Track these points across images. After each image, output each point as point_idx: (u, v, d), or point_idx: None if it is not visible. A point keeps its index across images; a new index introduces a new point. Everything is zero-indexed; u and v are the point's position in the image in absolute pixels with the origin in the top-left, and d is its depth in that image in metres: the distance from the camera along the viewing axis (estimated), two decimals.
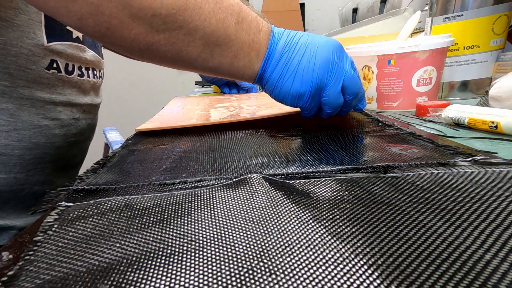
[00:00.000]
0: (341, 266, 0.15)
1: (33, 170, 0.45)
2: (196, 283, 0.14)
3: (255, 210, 0.20)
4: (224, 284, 0.14)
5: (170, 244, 0.18)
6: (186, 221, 0.20)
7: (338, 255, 0.15)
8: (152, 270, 0.15)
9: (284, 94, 0.37)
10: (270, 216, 0.19)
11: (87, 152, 0.63)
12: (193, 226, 0.19)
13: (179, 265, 0.16)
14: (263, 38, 0.36)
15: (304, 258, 0.15)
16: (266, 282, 0.14)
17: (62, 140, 0.49)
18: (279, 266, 0.15)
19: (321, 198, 0.22)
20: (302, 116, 0.41)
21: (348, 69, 0.38)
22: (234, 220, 0.19)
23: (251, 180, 0.24)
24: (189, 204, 0.22)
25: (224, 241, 0.17)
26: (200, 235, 0.18)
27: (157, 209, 0.21)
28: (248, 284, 0.14)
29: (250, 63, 0.36)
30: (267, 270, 0.15)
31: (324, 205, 0.21)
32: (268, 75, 0.37)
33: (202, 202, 0.22)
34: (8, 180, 0.43)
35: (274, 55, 0.36)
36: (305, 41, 0.36)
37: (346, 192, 0.22)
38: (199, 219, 0.20)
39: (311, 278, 0.14)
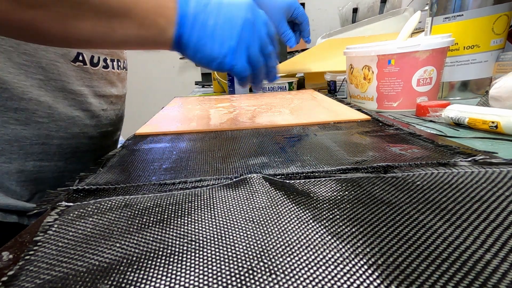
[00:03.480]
0: (341, 266, 0.15)
1: (71, 159, 0.49)
2: (196, 283, 0.14)
3: (255, 210, 0.20)
4: (224, 284, 0.14)
5: (170, 244, 0.18)
6: (186, 221, 0.20)
7: (338, 255, 0.15)
8: (152, 270, 0.15)
9: (207, 58, 0.35)
10: (270, 216, 0.19)
11: (118, 143, 0.65)
12: (193, 226, 0.19)
13: (179, 265, 0.16)
14: (170, 1, 0.34)
15: (304, 258, 0.15)
16: (266, 282, 0.14)
17: (94, 130, 0.51)
18: (279, 266, 0.15)
19: (321, 198, 0.22)
20: (239, 84, 0.40)
21: (263, 26, 0.37)
22: (234, 220, 0.19)
23: (251, 180, 0.24)
24: (189, 204, 0.22)
25: (224, 241, 0.17)
26: (200, 235, 0.18)
27: (157, 209, 0.21)
28: (248, 284, 0.14)
29: (160, 30, 0.34)
30: (267, 270, 0.15)
31: (324, 205, 0.21)
32: (186, 40, 0.35)
33: (202, 202, 0.22)
34: (50, 167, 0.46)
35: (187, 18, 0.34)
36: (216, 0, 0.35)
37: (346, 192, 0.22)
38: (199, 219, 0.20)
39: (311, 278, 0.14)
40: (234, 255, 0.16)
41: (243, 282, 0.14)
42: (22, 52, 0.41)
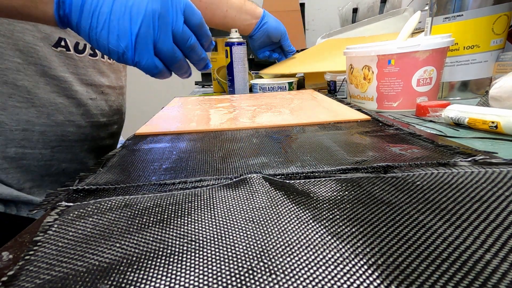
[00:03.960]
0: (341, 266, 0.15)
1: (57, 147, 0.47)
2: (196, 283, 0.14)
3: (255, 210, 0.20)
4: (224, 284, 0.14)
5: (170, 244, 0.18)
6: (186, 221, 0.20)
7: (338, 255, 0.15)
8: (152, 270, 0.15)
9: (105, 50, 0.32)
10: (270, 216, 0.19)
11: (118, 137, 0.64)
12: (193, 226, 0.19)
13: (179, 265, 0.16)
14: None
15: (304, 258, 0.15)
16: (266, 282, 0.14)
17: (82, 119, 0.50)
18: (279, 266, 0.15)
19: (321, 198, 0.22)
20: (155, 77, 0.36)
21: (179, 16, 0.33)
22: (234, 220, 0.19)
23: (251, 180, 0.24)
24: (189, 204, 0.22)
25: (224, 241, 0.17)
26: (200, 235, 0.18)
27: (157, 209, 0.21)
28: (248, 284, 0.14)
29: (32, 2, 0.30)
30: (267, 270, 0.15)
31: (324, 205, 0.21)
32: (75, 23, 0.31)
33: (202, 202, 0.22)
34: (34, 155, 0.45)
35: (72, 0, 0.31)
36: None
37: (346, 192, 0.22)
38: (199, 219, 0.20)
39: (311, 278, 0.14)
40: (234, 255, 0.16)
41: (243, 282, 0.14)
42: None
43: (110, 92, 0.55)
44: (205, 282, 0.14)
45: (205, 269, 0.15)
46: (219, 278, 0.14)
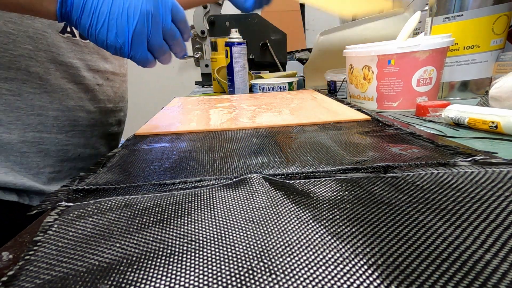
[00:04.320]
0: (341, 266, 0.15)
1: (71, 132, 0.49)
2: (196, 283, 0.14)
3: (255, 210, 0.20)
4: (224, 284, 0.14)
5: (170, 244, 0.18)
6: (186, 221, 0.20)
7: (338, 255, 0.15)
8: (152, 270, 0.15)
9: (102, 43, 0.35)
10: (270, 216, 0.19)
11: (124, 125, 0.65)
12: (193, 226, 0.19)
13: (179, 265, 0.16)
14: None
15: (304, 258, 0.15)
16: (266, 282, 0.14)
17: (90, 104, 0.52)
18: (279, 266, 0.15)
19: (321, 198, 0.22)
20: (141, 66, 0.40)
21: (167, 15, 0.36)
22: (234, 220, 0.19)
23: (251, 180, 0.24)
24: (189, 204, 0.22)
25: (224, 241, 0.17)
26: (200, 235, 0.18)
27: (157, 209, 0.21)
28: (248, 284, 0.14)
29: (38, 0, 0.33)
30: (267, 270, 0.15)
31: (324, 205, 0.21)
32: (74, 20, 0.34)
33: (202, 202, 0.22)
34: (50, 139, 0.47)
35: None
36: None
37: (346, 192, 0.22)
38: (199, 219, 0.20)
39: (311, 278, 0.14)
40: (234, 255, 0.16)
41: (243, 282, 0.14)
42: (7, 20, 0.40)
43: (115, 79, 0.57)
44: (205, 282, 0.14)
45: (205, 269, 0.15)
46: (219, 278, 0.14)
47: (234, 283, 0.14)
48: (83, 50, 0.49)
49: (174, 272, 0.15)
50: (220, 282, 0.14)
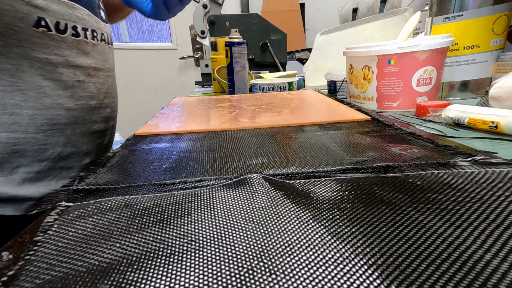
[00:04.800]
0: (341, 266, 0.15)
1: (50, 131, 0.47)
2: (196, 283, 0.14)
3: (255, 210, 0.20)
4: (224, 284, 0.14)
5: (170, 244, 0.18)
6: (186, 221, 0.20)
7: (338, 255, 0.15)
8: (152, 270, 0.15)
9: (135, 5, 0.42)
10: (270, 216, 0.19)
11: (114, 121, 0.63)
12: (193, 226, 0.19)
13: (179, 265, 0.16)
14: None
15: (304, 258, 0.15)
16: (266, 282, 0.14)
17: (70, 102, 0.49)
18: (279, 266, 0.15)
19: (321, 198, 0.22)
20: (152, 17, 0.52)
21: None
22: (234, 220, 0.19)
23: (251, 180, 0.24)
24: (189, 204, 0.22)
25: (224, 241, 0.17)
26: (200, 235, 0.18)
27: (157, 209, 0.21)
28: (248, 284, 0.14)
29: None
30: (267, 270, 0.15)
31: (324, 205, 0.21)
32: None
33: (202, 202, 0.22)
34: (26, 139, 0.44)
35: None
36: None
37: (346, 192, 0.22)
38: (199, 219, 0.20)
39: (311, 278, 0.14)
40: (234, 255, 0.16)
41: (243, 282, 0.14)
42: None
43: (98, 74, 0.55)
44: (205, 282, 0.14)
45: (205, 269, 0.15)
46: (219, 278, 0.14)
47: (234, 283, 0.14)
48: (61, 45, 0.47)
49: (174, 272, 0.15)
50: (220, 282, 0.14)
